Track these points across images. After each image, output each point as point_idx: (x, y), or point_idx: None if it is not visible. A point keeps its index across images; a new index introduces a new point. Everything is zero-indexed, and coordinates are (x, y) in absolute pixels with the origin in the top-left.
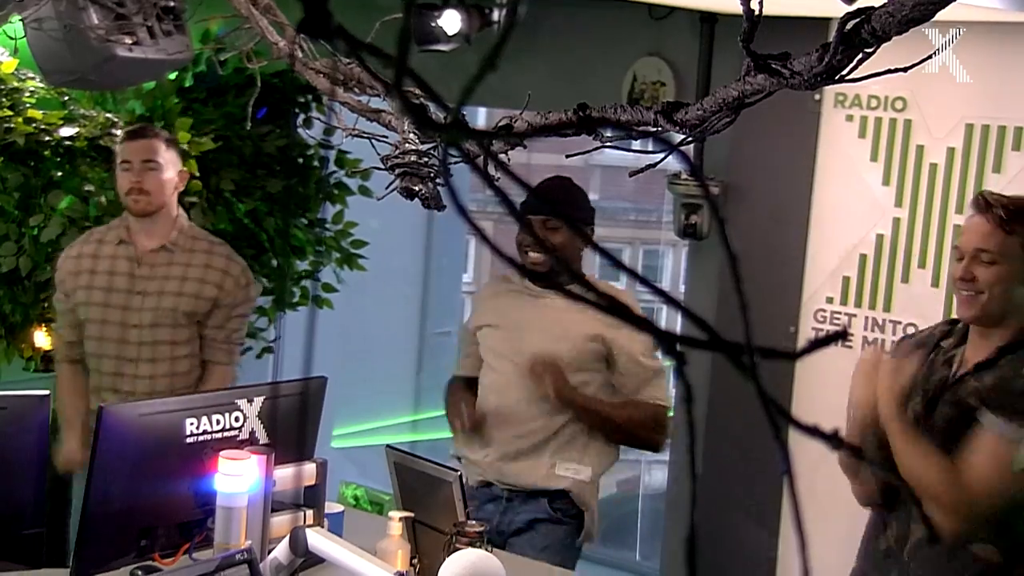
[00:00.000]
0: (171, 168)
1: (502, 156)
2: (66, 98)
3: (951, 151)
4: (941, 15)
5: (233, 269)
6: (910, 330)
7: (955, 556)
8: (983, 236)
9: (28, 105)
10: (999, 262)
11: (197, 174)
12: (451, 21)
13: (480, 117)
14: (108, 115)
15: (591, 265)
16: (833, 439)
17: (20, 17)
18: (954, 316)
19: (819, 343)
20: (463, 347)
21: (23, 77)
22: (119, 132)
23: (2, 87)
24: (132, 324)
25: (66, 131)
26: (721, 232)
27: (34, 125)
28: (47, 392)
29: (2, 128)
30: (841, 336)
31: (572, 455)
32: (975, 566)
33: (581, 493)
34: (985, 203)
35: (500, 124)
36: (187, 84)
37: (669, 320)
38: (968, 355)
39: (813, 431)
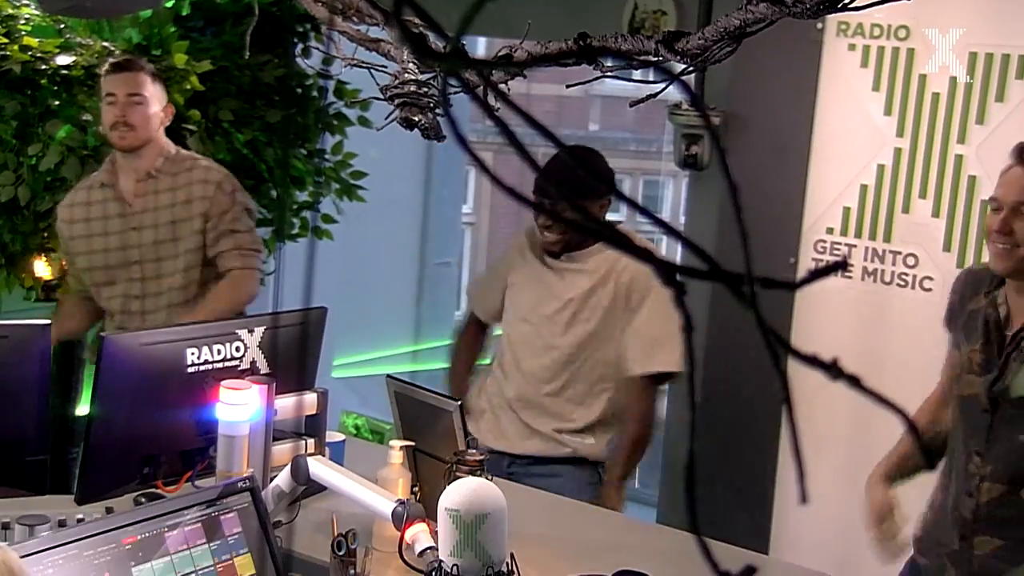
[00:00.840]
0: (156, 102)
1: (502, 86)
2: (62, 26)
3: (953, 80)
4: None
5: (214, 176)
6: (910, 261)
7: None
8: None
9: (24, 33)
10: None
11: (200, 87)
12: None
13: (480, 47)
14: (105, 44)
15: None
16: (832, 368)
17: None
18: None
19: (819, 273)
20: (489, 285)
21: (18, 4)
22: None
23: None
24: (134, 261)
25: (63, 59)
26: (722, 162)
27: (30, 53)
28: (48, 321)
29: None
30: (841, 266)
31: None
32: None
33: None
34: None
35: (500, 54)
36: (184, 12)
37: (669, 250)
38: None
39: (812, 360)
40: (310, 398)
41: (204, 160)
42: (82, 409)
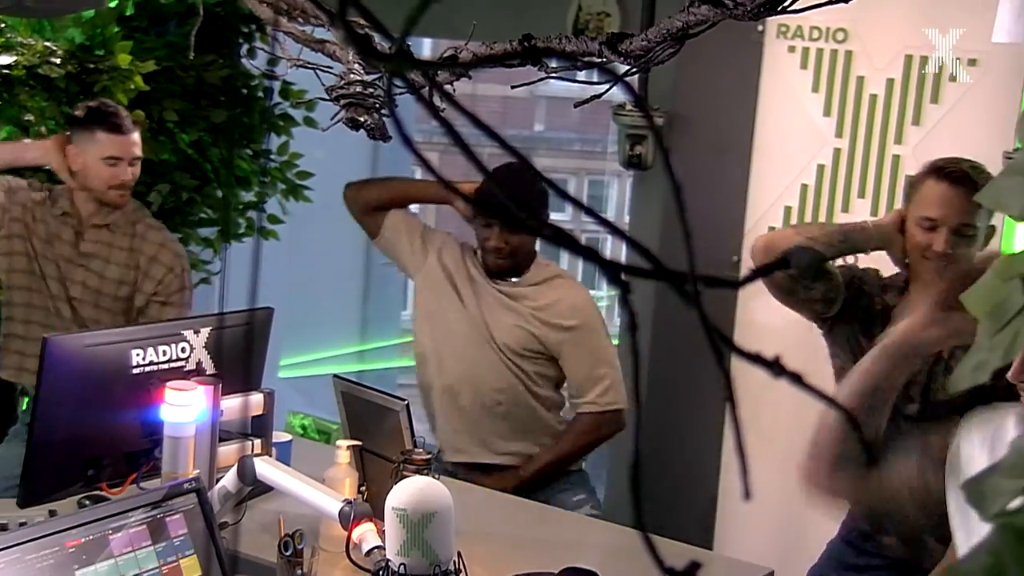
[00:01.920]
0: None
1: (447, 87)
2: (2, 25)
3: (890, 82)
4: None
5: (166, 259)
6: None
7: None
8: (965, 211)
9: None
10: (975, 234)
11: (145, 88)
12: None
13: (425, 48)
14: (47, 43)
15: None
16: (774, 366)
17: None
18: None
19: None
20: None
21: None
22: (79, 110)
23: None
24: (72, 296)
25: (3, 59)
26: (665, 162)
27: None
28: None
29: None
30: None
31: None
32: None
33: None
34: (966, 173)
35: (445, 55)
36: (128, 12)
37: (614, 250)
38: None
39: (755, 358)
40: (256, 398)
41: (157, 232)
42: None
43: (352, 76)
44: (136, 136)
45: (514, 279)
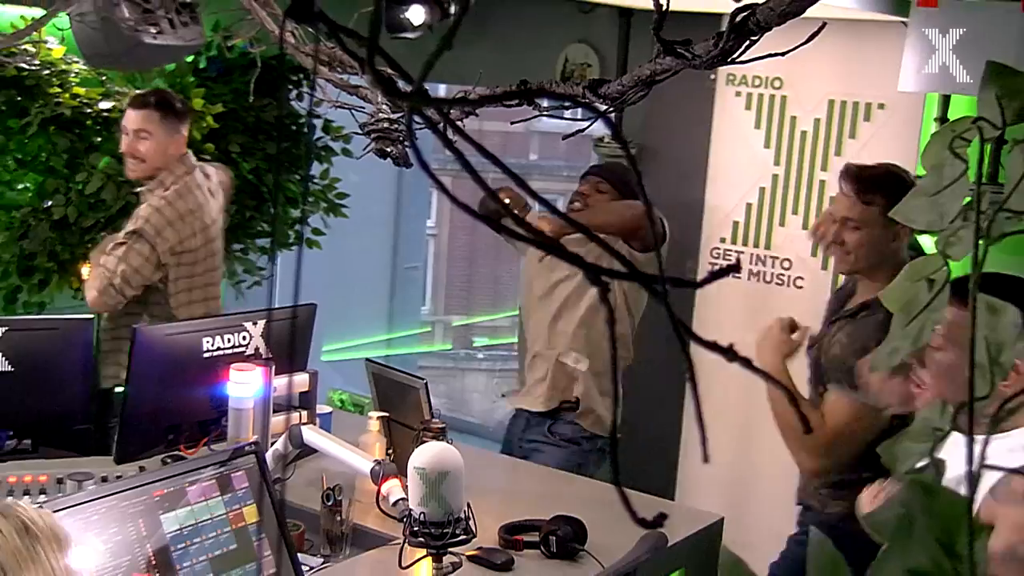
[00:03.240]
0: (164, 135)
1: (458, 123)
2: (104, 77)
3: (817, 121)
4: (810, 12)
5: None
6: (786, 264)
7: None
8: (847, 207)
9: (74, 83)
10: (861, 228)
11: (215, 125)
12: (416, 13)
13: (440, 91)
14: (138, 91)
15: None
16: (728, 352)
17: (66, 12)
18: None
19: (716, 274)
20: None
21: (69, 61)
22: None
23: (53, 68)
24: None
25: (104, 104)
26: (639, 185)
27: (78, 100)
28: (91, 316)
29: (53, 102)
30: (734, 268)
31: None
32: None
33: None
34: (848, 176)
35: (456, 95)
36: (201, 65)
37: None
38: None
39: (712, 345)
40: (303, 378)
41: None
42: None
43: (380, 114)
44: (143, 111)
45: None
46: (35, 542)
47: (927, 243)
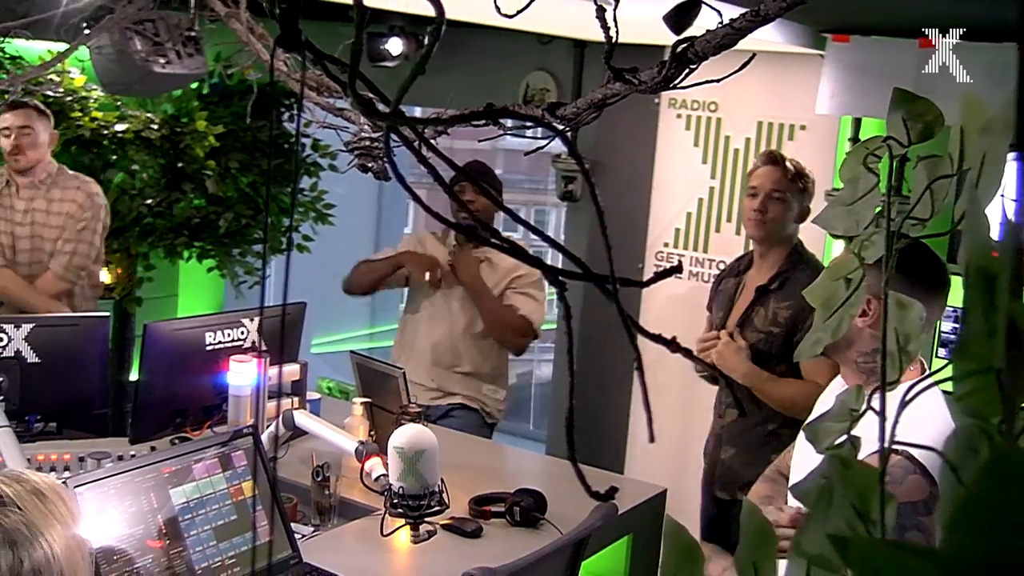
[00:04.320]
0: (44, 133)
1: (431, 141)
2: (119, 103)
3: (748, 140)
4: (741, 44)
5: (79, 197)
6: (721, 265)
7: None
8: (776, 180)
9: (92, 108)
10: (784, 200)
11: (216, 144)
12: (395, 44)
13: (416, 112)
14: (148, 114)
15: (499, 222)
16: (671, 344)
17: (87, 45)
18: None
19: (660, 275)
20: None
21: (89, 88)
22: (155, 125)
23: (74, 95)
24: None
25: (119, 126)
26: (592, 196)
27: (96, 122)
28: (107, 314)
29: (74, 125)
30: (676, 270)
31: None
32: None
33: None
34: (779, 158)
35: (430, 116)
36: (205, 91)
37: (553, 259)
38: (750, 280)
39: (656, 337)
40: (294, 368)
41: (77, 179)
42: (132, 376)
43: (362, 134)
44: (23, 111)
45: None
46: (48, 503)
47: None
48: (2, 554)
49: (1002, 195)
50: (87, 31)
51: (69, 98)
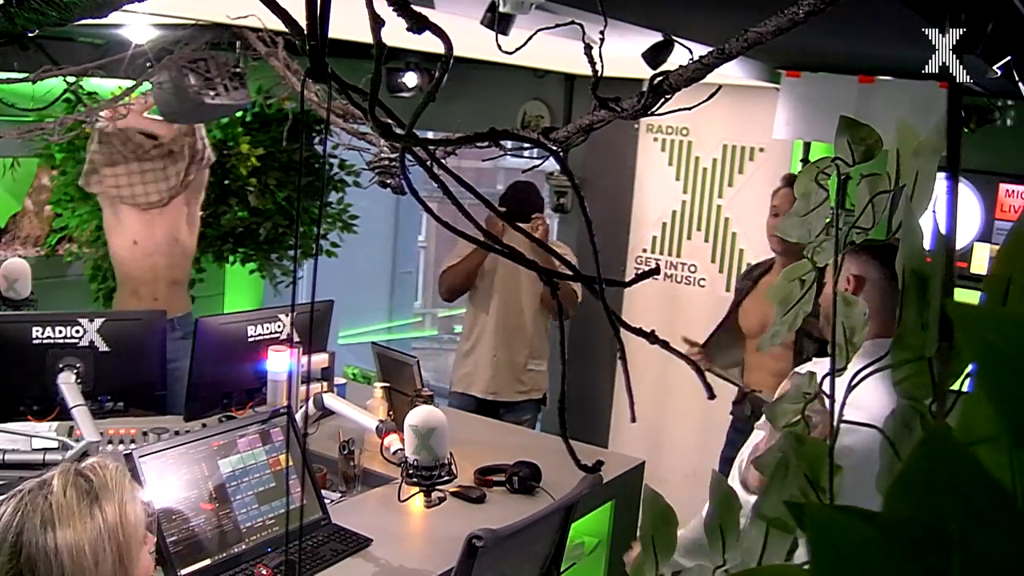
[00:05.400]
0: None
1: (442, 160)
2: None
3: (715, 160)
4: (709, 78)
5: None
6: (692, 269)
7: None
8: (788, 202)
9: None
10: None
11: (257, 164)
12: (410, 78)
13: (428, 135)
14: None
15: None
16: (651, 336)
17: (149, 81)
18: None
19: (641, 276)
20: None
21: (150, 117)
22: None
23: None
24: None
25: None
26: (581, 208)
27: None
28: (164, 309)
29: None
30: (655, 272)
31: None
32: None
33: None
34: (789, 181)
35: (440, 139)
36: (248, 119)
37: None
38: (763, 285)
39: (636, 330)
40: (324, 356)
41: None
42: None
43: (382, 154)
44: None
45: None
46: (95, 502)
47: None
48: (10, 534)
49: (933, 209)
50: (150, 69)
51: None
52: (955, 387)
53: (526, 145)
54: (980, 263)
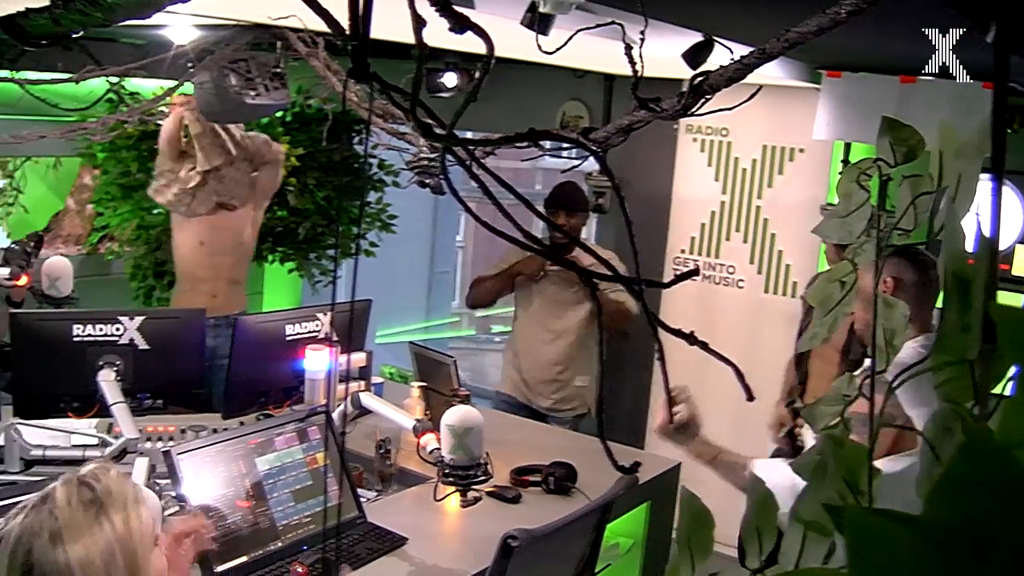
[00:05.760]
0: None
1: (481, 160)
2: None
3: (754, 161)
4: (749, 78)
5: None
6: (731, 270)
7: None
8: None
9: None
10: None
11: (297, 164)
12: (450, 78)
13: (468, 135)
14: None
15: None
16: (690, 337)
17: (191, 81)
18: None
19: (681, 277)
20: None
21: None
22: None
23: None
24: None
25: None
26: (621, 208)
27: None
28: (203, 308)
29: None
30: (694, 273)
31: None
32: None
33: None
34: None
35: (480, 139)
36: (288, 119)
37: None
38: None
39: (675, 331)
40: (361, 356)
41: None
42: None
43: (421, 154)
44: None
45: None
46: (100, 511)
47: None
48: (21, 551)
49: (976, 211)
50: (191, 70)
51: None
52: (997, 390)
53: (565, 145)
54: (1022, 265)
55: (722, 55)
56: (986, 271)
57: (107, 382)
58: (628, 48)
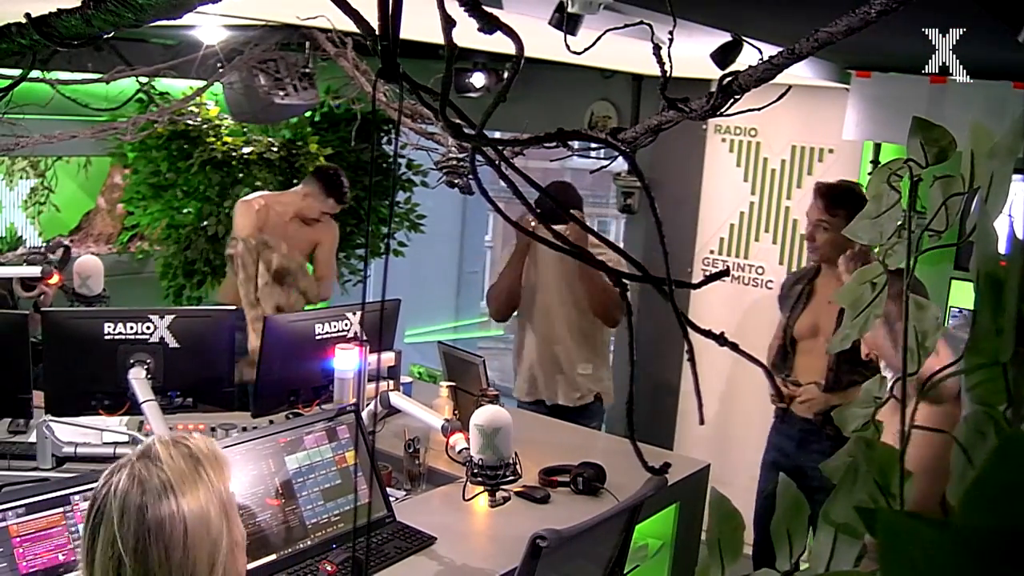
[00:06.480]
0: None
1: (510, 160)
2: (245, 129)
3: (783, 161)
4: (778, 78)
5: None
6: (760, 270)
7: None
8: (820, 212)
9: (224, 134)
10: (829, 229)
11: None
12: (478, 78)
13: (497, 135)
14: (270, 139)
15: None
16: (719, 338)
17: (220, 82)
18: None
19: (710, 278)
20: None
21: (221, 117)
22: (275, 148)
23: (209, 123)
24: None
25: (246, 149)
26: (652, 208)
27: (227, 146)
28: (234, 307)
29: (209, 148)
30: (724, 274)
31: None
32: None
33: (590, 384)
34: (819, 193)
35: (509, 139)
36: (317, 119)
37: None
38: (820, 287)
39: (705, 332)
40: (390, 355)
41: None
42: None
43: (450, 154)
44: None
45: None
46: (199, 465)
47: None
48: (132, 503)
49: (1009, 214)
50: (221, 70)
51: (205, 126)
52: None
53: (593, 145)
54: None
55: (751, 55)
56: (1019, 273)
57: (138, 380)
58: (656, 48)
